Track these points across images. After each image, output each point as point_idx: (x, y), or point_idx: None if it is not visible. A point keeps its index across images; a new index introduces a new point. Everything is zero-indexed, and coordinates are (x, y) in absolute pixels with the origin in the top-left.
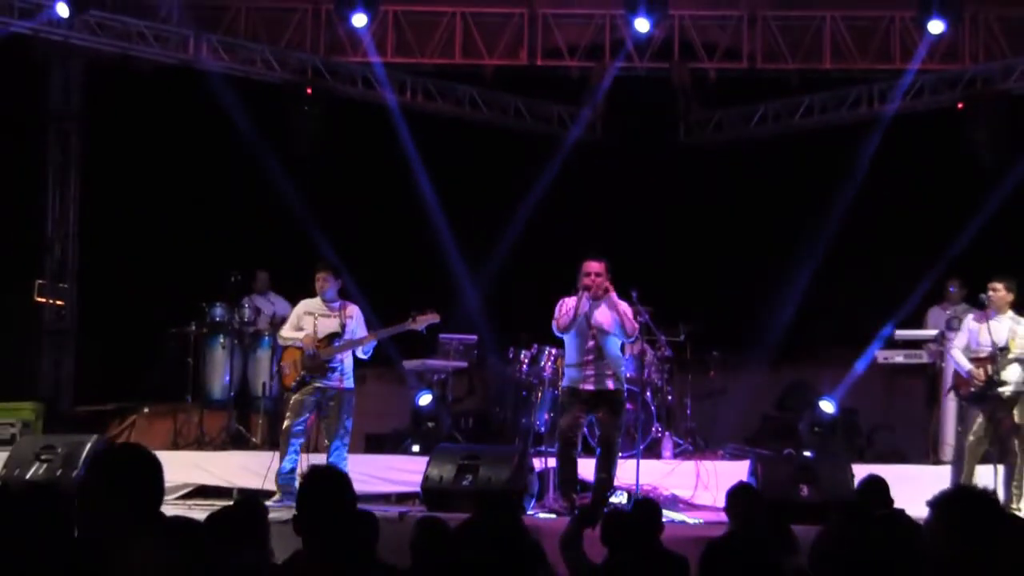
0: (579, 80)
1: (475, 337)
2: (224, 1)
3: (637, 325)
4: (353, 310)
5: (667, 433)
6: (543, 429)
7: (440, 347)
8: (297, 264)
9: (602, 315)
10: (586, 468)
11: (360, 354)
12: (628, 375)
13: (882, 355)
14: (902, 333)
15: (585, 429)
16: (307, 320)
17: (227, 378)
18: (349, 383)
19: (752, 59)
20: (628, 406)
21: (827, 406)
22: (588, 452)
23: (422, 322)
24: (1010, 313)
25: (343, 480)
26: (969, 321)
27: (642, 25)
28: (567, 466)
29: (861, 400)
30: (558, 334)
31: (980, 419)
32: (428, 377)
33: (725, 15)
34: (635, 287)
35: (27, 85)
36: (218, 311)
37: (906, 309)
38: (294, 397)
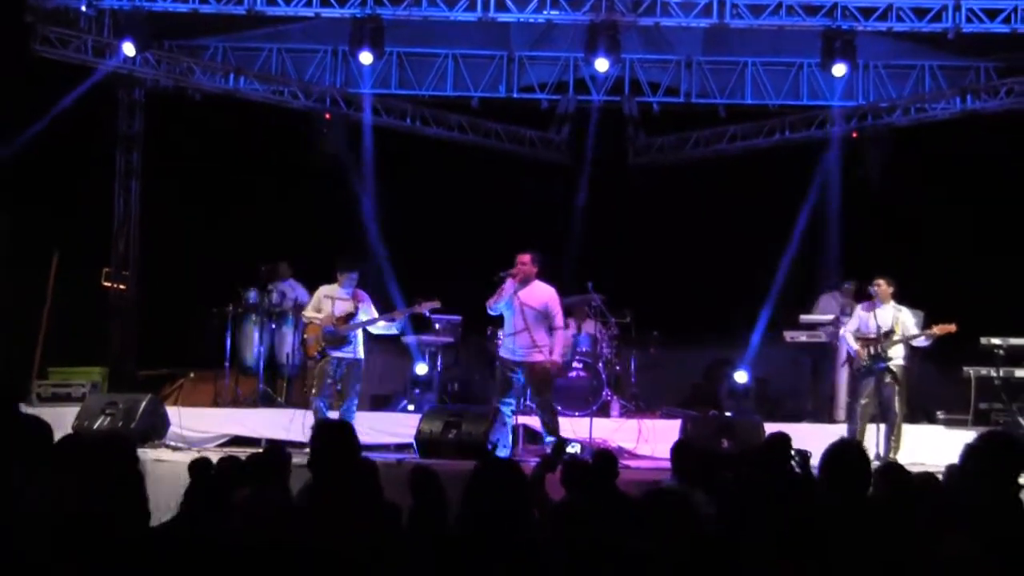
0: (548, 111)
1: (460, 318)
2: (261, 43)
3: (557, 310)
4: (363, 296)
5: (615, 397)
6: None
7: (431, 325)
8: (316, 256)
9: (527, 295)
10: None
11: (392, 329)
12: (583, 349)
13: (789, 335)
14: (805, 318)
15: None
16: (326, 302)
17: (258, 349)
18: (360, 354)
19: (688, 95)
20: (583, 374)
21: (741, 376)
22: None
23: (426, 306)
24: (892, 303)
25: (348, 429)
26: (859, 309)
27: (602, 65)
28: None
29: (771, 371)
30: (490, 313)
31: (869, 388)
32: (423, 350)
33: (667, 59)
34: (591, 279)
35: (99, 109)
36: (252, 294)
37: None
38: (318, 366)
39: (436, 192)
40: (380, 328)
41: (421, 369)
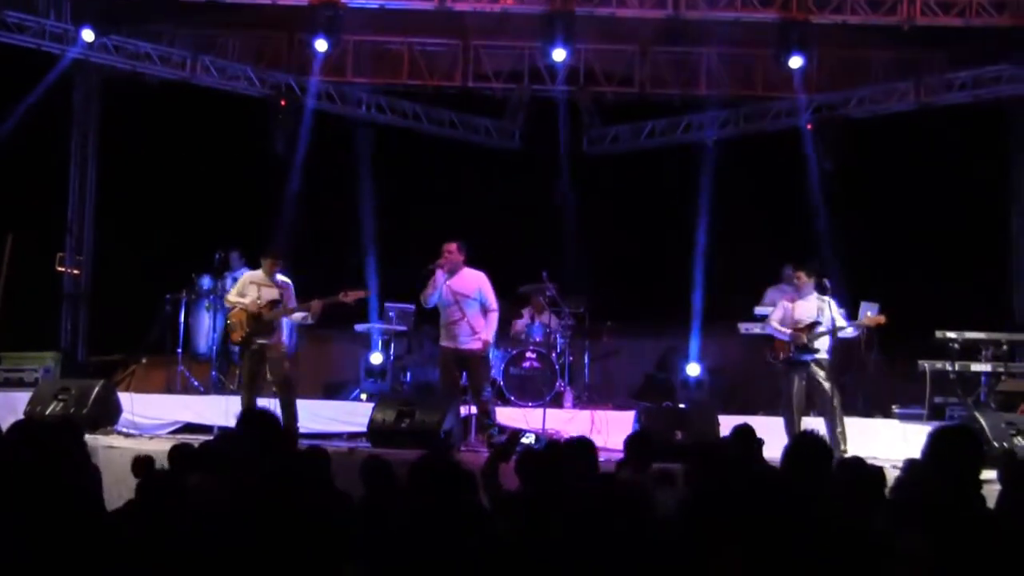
0: (502, 100)
1: (413, 306)
2: (217, 30)
3: (489, 295)
4: (287, 284)
5: (568, 387)
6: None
7: (385, 313)
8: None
9: (459, 284)
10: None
11: (308, 320)
12: (537, 339)
13: (744, 327)
14: (759, 310)
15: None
16: (251, 288)
17: (211, 336)
18: (286, 340)
19: (643, 85)
20: (537, 365)
21: (692, 368)
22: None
23: (352, 296)
24: (815, 294)
25: (272, 422)
26: (783, 301)
27: (559, 55)
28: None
29: (725, 362)
30: (426, 306)
31: (796, 381)
32: (376, 338)
33: (621, 49)
34: (545, 268)
35: (55, 94)
36: (205, 281)
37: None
38: (244, 354)
39: (389, 181)
40: (298, 318)
41: (376, 358)
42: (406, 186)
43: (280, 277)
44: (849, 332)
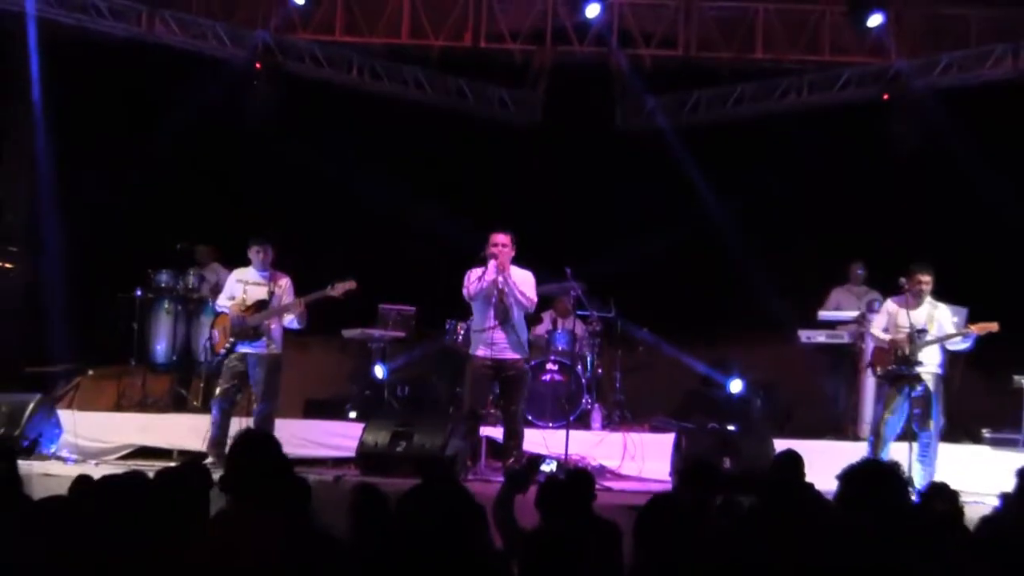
0: (521, 64)
1: (413, 308)
2: None
3: (534, 298)
4: (283, 280)
5: (596, 405)
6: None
7: (380, 317)
8: (244, 235)
9: (507, 284)
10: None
11: (295, 324)
12: (560, 348)
13: (805, 335)
14: (824, 314)
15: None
16: (238, 288)
17: (170, 342)
18: (276, 349)
19: (687, 47)
20: (559, 378)
21: (735, 385)
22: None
23: (340, 289)
24: (929, 299)
25: (271, 443)
26: (888, 304)
27: (592, 10)
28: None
29: (782, 377)
30: (468, 300)
31: (897, 397)
32: (367, 346)
33: (662, 4)
34: (569, 264)
35: None
36: (163, 277)
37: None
38: (224, 363)
39: (386, 159)
40: (287, 321)
41: (380, 372)
42: (405, 166)
43: (271, 271)
44: (958, 343)
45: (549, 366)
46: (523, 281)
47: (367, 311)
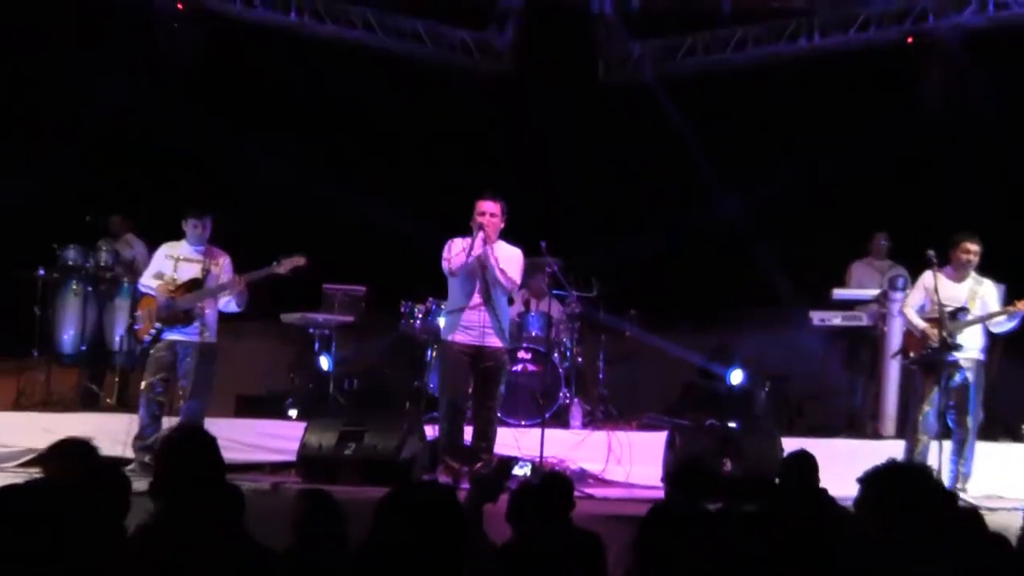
0: (487, 4)
1: (363, 288)
2: None
3: (518, 279)
4: (222, 259)
5: (576, 400)
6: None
7: (324, 299)
8: (162, 204)
9: (494, 261)
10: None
11: (232, 307)
12: (534, 334)
13: (817, 316)
14: (840, 293)
15: None
16: (167, 264)
17: (78, 330)
18: (210, 336)
19: None
20: (533, 368)
21: (736, 376)
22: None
23: (287, 266)
24: (973, 274)
25: (209, 443)
26: (926, 278)
27: None
28: (455, 437)
29: (792, 366)
30: (449, 275)
31: (933, 389)
32: (309, 332)
33: None
34: (544, 237)
35: None
36: (71, 254)
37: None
38: (150, 352)
39: (330, 115)
40: (223, 303)
41: (325, 363)
42: (352, 123)
43: (207, 247)
44: (1005, 323)
45: (521, 355)
46: (509, 258)
47: (309, 292)
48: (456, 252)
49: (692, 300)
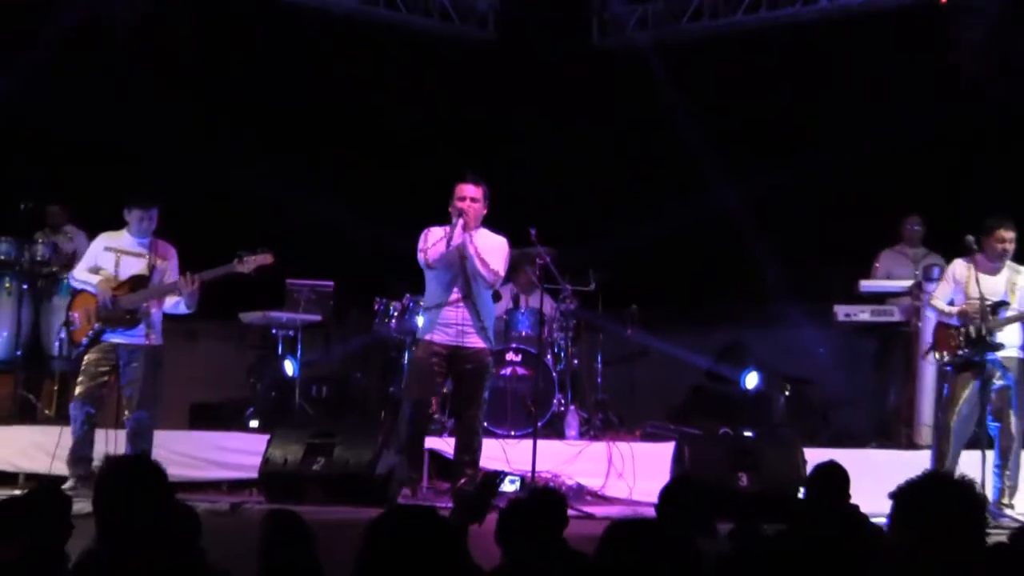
0: None
1: (331, 284)
2: None
3: (501, 271)
4: (167, 251)
5: (572, 407)
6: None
7: (288, 295)
8: (103, 192)
9: (480, 251)
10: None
11: (181, 307)
12: (524, 333)
13: (842, 311)
14: (868, 285)
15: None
16: (107, 258)
17: (12, 332)
18: (156, 339)
19: None
20: (524, 371)
21: (752, 379)
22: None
23: (251, 263)
24: (1008, 263)
25: (158, 477)
26: (956, 268)
27: None
28: (416, 446)
29: (815, 368)
30: (425, 267)
31: (968, 390)
32: (271, 333)
33: None
34: (534, 222)
35: None
36: (3, 247)
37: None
38: (87, 356)
39: (295, 88)
40: (170, 304)
41: (290, 368)
42: (320, 97)
43: (152, 240)
44: None
45: (510, 356)
46: (492, 248)
47: (271, 288)
48: (433, 242)
49: (700, 294)
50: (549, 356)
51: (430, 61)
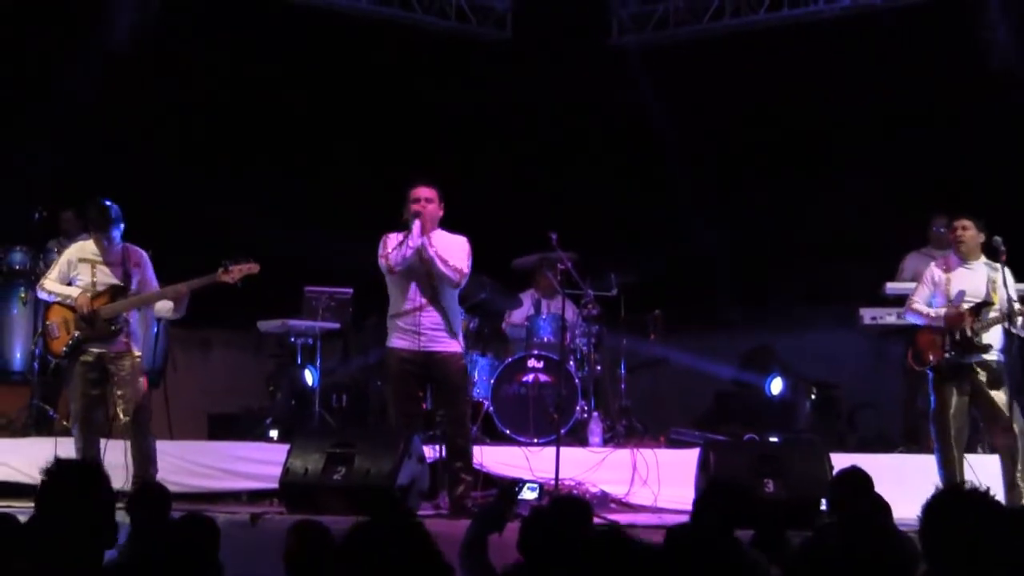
0: None
1: (350, 290)
2: None
3: (465, 268)
4: (139, 256)
5: (595, 414)
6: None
7: (306, 303)
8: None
9: (434, 251)
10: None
11: (172, 313)
12: (545, 339)
13: (868, 315)
14: (894, 287)
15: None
16: (83, 268)
17: (28, 344)
18: (137, 348)
19: None
20: (546, 378)
21: (777, 385)
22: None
23: (236, 274)
24: (983, 259)
25: (98, 475)
26: (932, 270)
27: None
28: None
29: (841, 372)
30: (387, 273)
31: (955, 397)
32: (290, 342)
33: None
34: (554, 227)
35: None
36: (18, 256)
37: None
38: (75, 371)
39: (304, 88)
40: (161, 310)
41: (309, 377)
42: (329, 99)
43: (124, 245)
44: None
45: (532, 363)
46: (451, 247)
47: (289, 296)
48: (392, 247)
49: (724, 298)
50: (571, 362)
51: (445, 60)
